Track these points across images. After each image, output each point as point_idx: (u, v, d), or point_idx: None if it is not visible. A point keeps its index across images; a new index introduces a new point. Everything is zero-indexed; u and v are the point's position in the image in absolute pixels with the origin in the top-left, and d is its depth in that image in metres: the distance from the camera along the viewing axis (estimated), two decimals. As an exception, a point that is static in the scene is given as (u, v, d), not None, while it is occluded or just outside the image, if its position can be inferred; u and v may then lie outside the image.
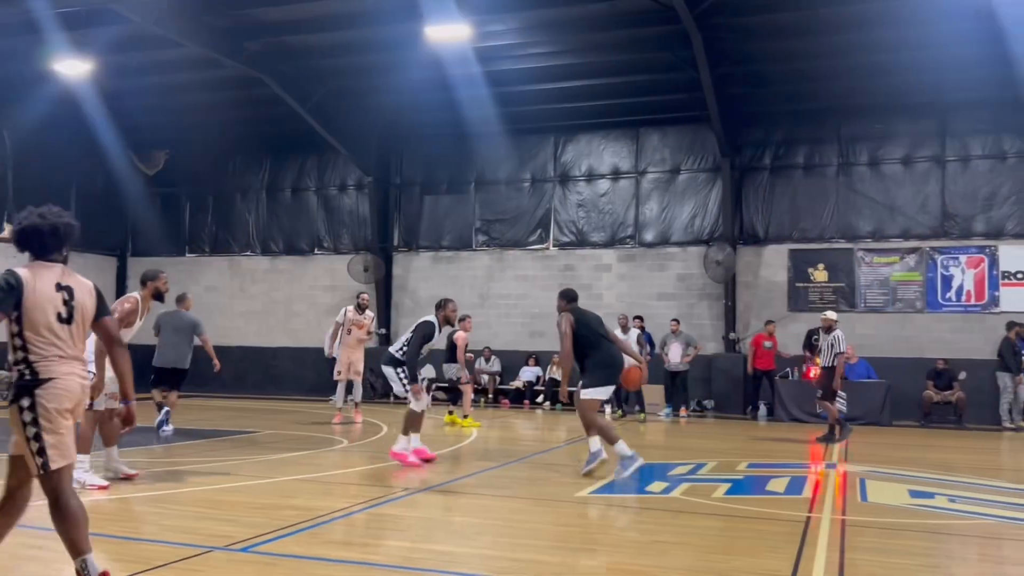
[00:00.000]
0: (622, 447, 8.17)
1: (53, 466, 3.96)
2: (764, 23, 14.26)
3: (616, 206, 18.73)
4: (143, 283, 8.25)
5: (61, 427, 3.98)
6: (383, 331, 19.68)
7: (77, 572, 4.02)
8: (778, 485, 8.38)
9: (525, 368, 18.44)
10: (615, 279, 18.55)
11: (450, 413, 14.20)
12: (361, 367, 13.72)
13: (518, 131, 18.90)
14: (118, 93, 17.54)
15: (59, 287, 4.14)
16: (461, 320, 13.33)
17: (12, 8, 13.30)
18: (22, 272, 4.11)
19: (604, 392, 8.52)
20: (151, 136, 20.85)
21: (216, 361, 12.63)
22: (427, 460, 9.26)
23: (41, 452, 3.94)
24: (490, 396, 18.35)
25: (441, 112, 18.02)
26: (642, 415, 15.68)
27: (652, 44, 15.04)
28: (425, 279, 19.92)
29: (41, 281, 4.10)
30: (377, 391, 18.52)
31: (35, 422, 3.93)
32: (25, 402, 3.94)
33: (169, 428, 11.82)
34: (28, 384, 3.95)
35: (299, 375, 20.20)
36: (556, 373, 18.10)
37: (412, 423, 9.21)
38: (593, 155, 19.00)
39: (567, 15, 14.20)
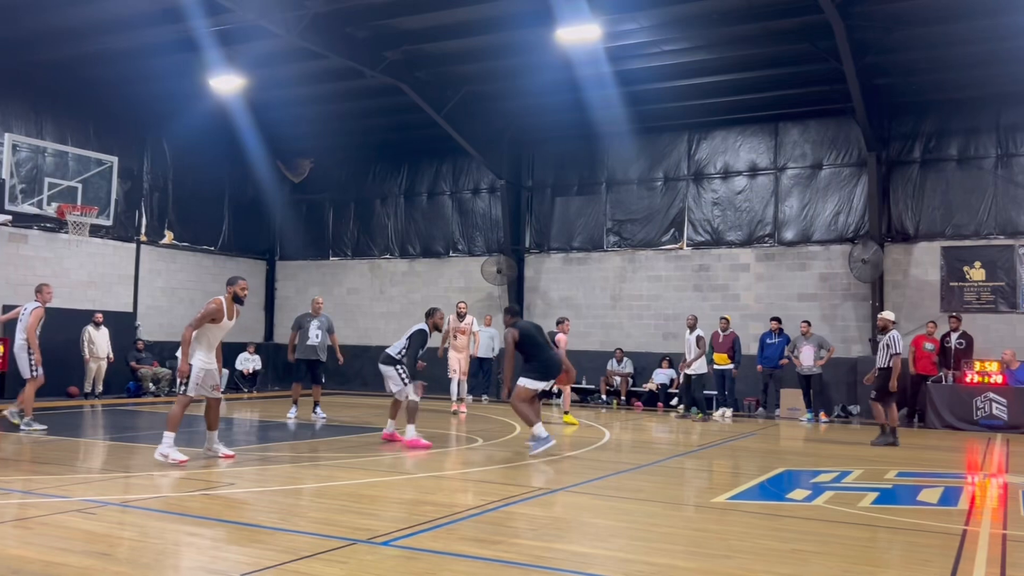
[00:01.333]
0: (539, 428, 9.86)
1: None
2: (912, 8, 13.51)
3: (754, 204, 18.21)
4: (227, 286, 9.22)
5: None
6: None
7: None
8: (931, 495, 7.92)
9: (658, 371, 18.19)
10: (753, 279, 18.04)
11: (566, 413, 14.41)
12: (467, 367, 15.74)
13: (650, 130, 18.68)
14: (265, 105, 18.47)
15: None
16: (559, 323, 14.44)
17: (173, 27, 14.24)
18: None
19: (535, 385, 10.14)
20: (296, 145, 21.85)
21: (340, 356, 14.72)
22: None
23: None
24: (622, 398, 18.21)
25: (571, 113, 18.04)
26: (699, 414, 15.53)
27: (791, 36, 14.53)
28: (556, 280, 19.99)
29: None
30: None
31: None
32: None
33: (322, 416, 13.78)
34: None
35: (436, 374, 20.63)
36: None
37: (415, 413, 10.53)
38: (729, 152, 18.55)
39: (701, 10, 13.91)
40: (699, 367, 15.55)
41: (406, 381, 10.53)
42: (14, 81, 16.69)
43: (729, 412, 16.05)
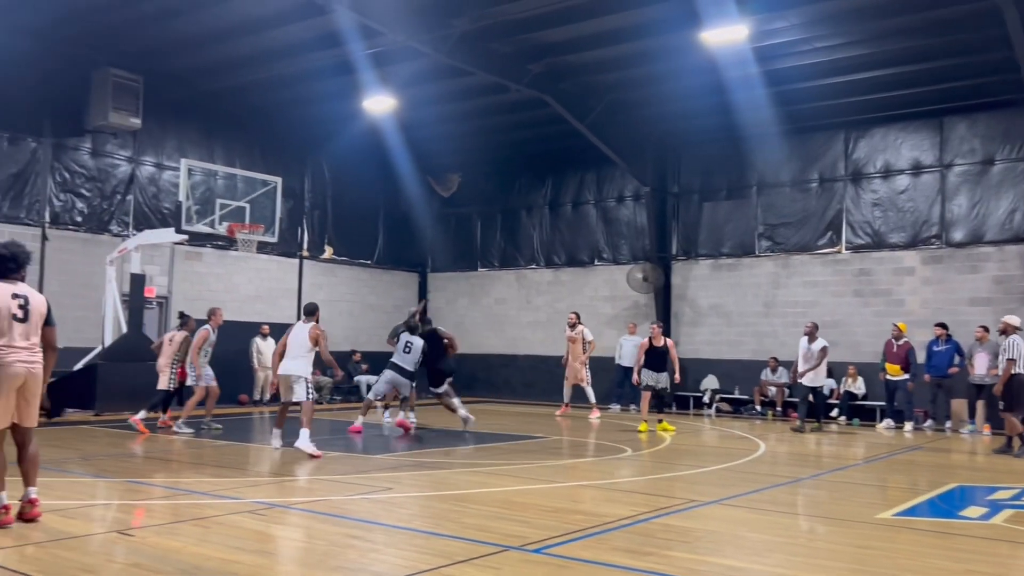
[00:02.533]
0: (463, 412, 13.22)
1: None
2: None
3: (918, 203, 17.19)
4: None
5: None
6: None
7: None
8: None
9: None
10: (918, 283, 17.02)
11: (659, 421, 14.23)
12: (583, 375, 16.70)
13: (802, 130, 18.01)
14: (415, 123, 19.09)
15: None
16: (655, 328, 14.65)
17: (331, 52, 14.98)
18: None
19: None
20: (445, 161, 22.46)
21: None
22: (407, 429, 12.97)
23: None
24: (778, 409, 17.58)
25: (717, 117, 17.64)
26: (816, 424, 14.74)
27: (955, 26, 13.65)
28: (705, 287, 19.57)
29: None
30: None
31: None
32: None
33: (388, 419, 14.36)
34: None
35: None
36: (852, 386, 16.96)
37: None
38: (889, 150, 17.61)
39: (855, 4, 13.30)
40: (817, 378, 14.71)
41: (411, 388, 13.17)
42: (189, 110, 18.02)
43: (908, 425, 15.26)
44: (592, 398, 16.68)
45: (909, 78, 15.68)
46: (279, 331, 18.87)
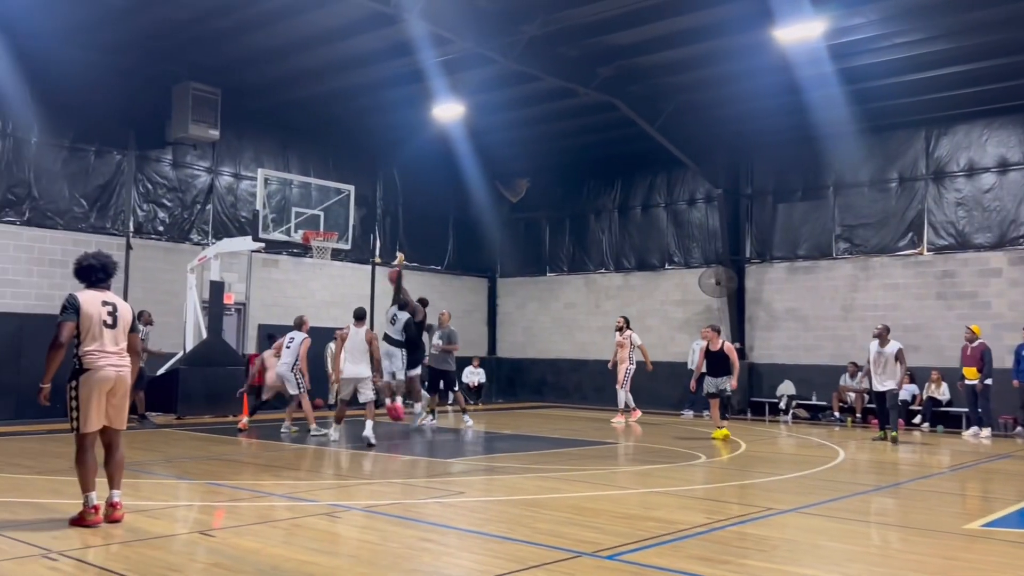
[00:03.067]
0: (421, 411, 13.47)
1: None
2: None
3: (1005, 202, 16.54)
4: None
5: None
6: (737, 345, 19.24)
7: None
8: None
9: (907, 387, 16.90)
10: (1006, 285, 16.35)
11: (719, 428, 13.48)
12: (621, 377, 16.39)
13: (881, 128, 17.51)
14: (483, 129, 19.20)
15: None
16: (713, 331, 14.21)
17: (401, 61, 15.19)
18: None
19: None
20: (513, 166, 22.53)
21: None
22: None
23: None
24: (858, 415, 17.09)
25: (792, 116, 17.28)
26: (894, 433, 13.42)
27: (1044, 15, 13.10)
28: (780, 291, 19.17)
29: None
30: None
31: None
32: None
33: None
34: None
35: (653, 388, 20.46)
36: (936, 392, 16.38)
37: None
38: (974, 147, 16.99)
39: (936, -2, 12.89)
40: (889, 382, 13.57)
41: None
42: (265, 121, 18.49)
43: (985, 432, 14.64)
44: (624, 402, 16.33)
45: (994, 73, 15.10)
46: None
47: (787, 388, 18.36)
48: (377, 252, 20.87)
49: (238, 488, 8.13)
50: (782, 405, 18.20)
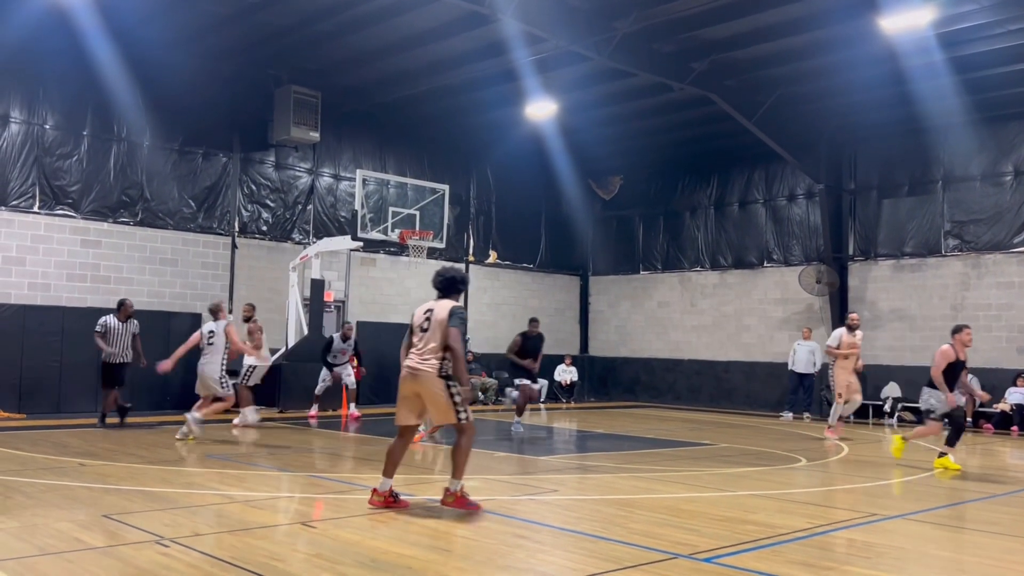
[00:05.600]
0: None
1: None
2: None
3: None
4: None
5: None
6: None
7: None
8: None
9: (1012, 389, 16.09)
10: None
11: (941, 455, 10.47)
12: (858, 386, 13.37)
13: (994, 119, 16.67)
14: (575, 127, 19.14)
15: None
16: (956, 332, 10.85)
17: (495, 61, 15.29)
18: None
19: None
20: (606, 163, 22.39)
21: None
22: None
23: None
24: (968, 419, 16.31)
25: (897, 108, 16.62)
26: None
27: None
28: (885, 289, 18.46)
29: None
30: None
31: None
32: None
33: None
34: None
35: (751, 389, 20.04)
36: (1054, 395, 15.49)
37: None
38: (1096, 137, 15.99)
39: (1056, -21, 12.19)
40: None
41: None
42: (363, 123, 18.90)
43: None
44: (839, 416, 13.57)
45: (1121, 57, 14.18)
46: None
47: (892, 390, 17.67)
48: (471, 250, 21.08)
49: (338, 481, 8.34)
50: (887, 408, 17.53)
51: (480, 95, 17.60)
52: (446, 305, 6.82)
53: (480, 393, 19.19)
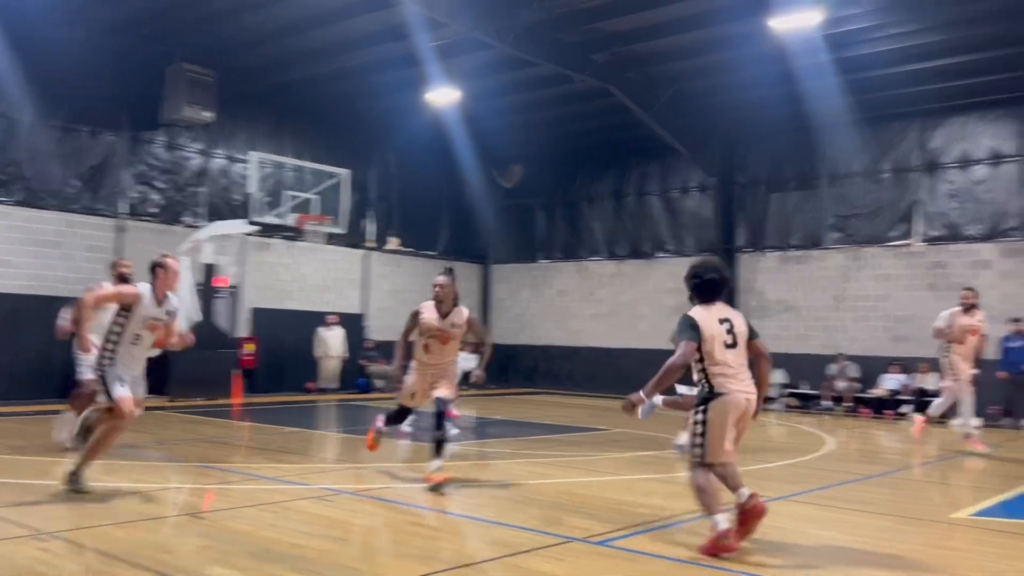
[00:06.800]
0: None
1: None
2: None
3: (997, 194, 16.58)
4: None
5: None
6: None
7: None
8: None
9: (886, 375, 17.02)
10: (996, 278, 16.42)
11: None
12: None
13: (875, 119, 17.50)
14: (478, 115, 19.13)
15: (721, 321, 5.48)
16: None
17: (397, 45, 15.11)
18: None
19: None
20: (508, 152, 22.46)
21: None
22: None
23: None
24: (847, 404, 17.19)
25: (786, 106, 17.25)
26: None
27: (1039, 8, 13.11)
28: (772, 280, 19.21)
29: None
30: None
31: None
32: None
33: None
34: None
35: (646, 375, 20.43)
36: (924, 382, 16.47)
37: None
38: (967, 139, 17.01)
39: (933, -12, 12.89)
40: None
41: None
42: (260, 104, 18.38)
43: (974, 422, 14.73)
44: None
45: (988, 65, 15.11)
46: (345, 320, 19.27)
47: (778, 377, 18.43)
48: (371, 236, 20.84)
49: (229, 471, 8.14)
50: (772, 393, 18.27)
51: (382, 79, 17.37)
52: (737, 313, 5.70)
53: (380, 381, 19.04)
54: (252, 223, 16.34)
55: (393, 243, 21.40)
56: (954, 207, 17.01)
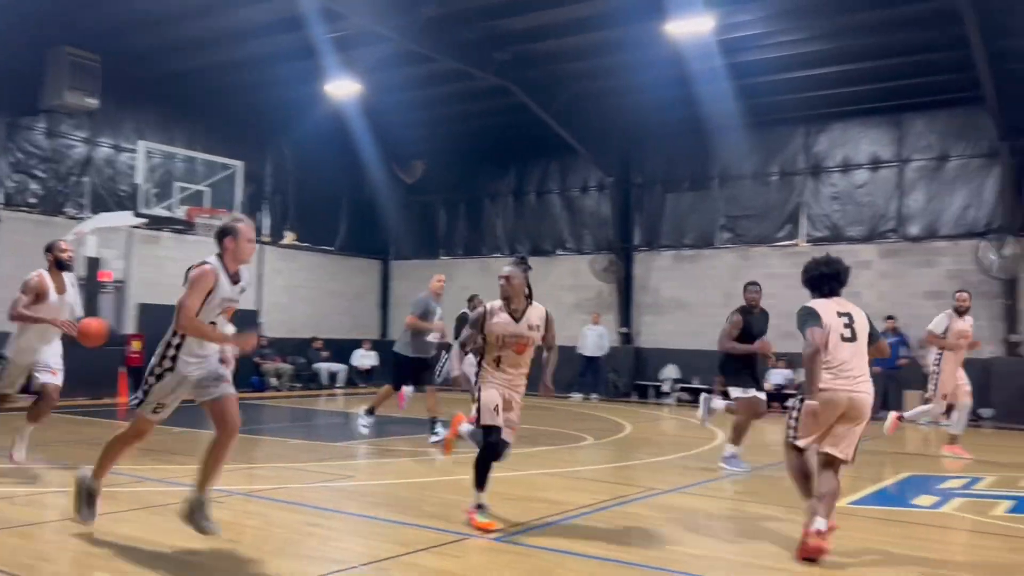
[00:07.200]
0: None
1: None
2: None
3: (876, 198, 17.48)
4: (47, 253, 8.17)
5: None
6: (624, 330, 19.75)
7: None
8: (1072, 506, 7.44)
9: (773, 371, 17.70)
10: (875, 276, 17.31)
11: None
12: (969, 387, 10.53)
13: (765, 123, 18.17)
14: (379, 109, 18.92)
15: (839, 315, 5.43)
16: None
17: (293, 35, 14.79)
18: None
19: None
20: (409, 148, 22.30)
21: None
22: None
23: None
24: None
25: (682, 108, 17.73)
26: None
27: (915, 23, 13.88)
28: (666, 278, 19.72)
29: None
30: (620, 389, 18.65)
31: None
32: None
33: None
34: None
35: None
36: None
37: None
38: (849, 144, 17.86)
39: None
40: None
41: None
42: (149, 92, 17.66)
43: None
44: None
45: (869, 74, 15.91)
46: (238, 317, 18.69)
47: (671, 372, 18.95)
48: (266, 231, 20.34)
49: (115, 473, 7.80)
50: (666, 388, 18.78)
51: (278, 70, 16.95)
52: (859, 310, 5.66)
53: (274, 379, 18.62)
54: (139, 215, 15.68)
55: (289, 238, 20.96)
56: (836, 209, 17.83)
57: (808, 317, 5.39)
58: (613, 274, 19.72)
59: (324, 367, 19.98)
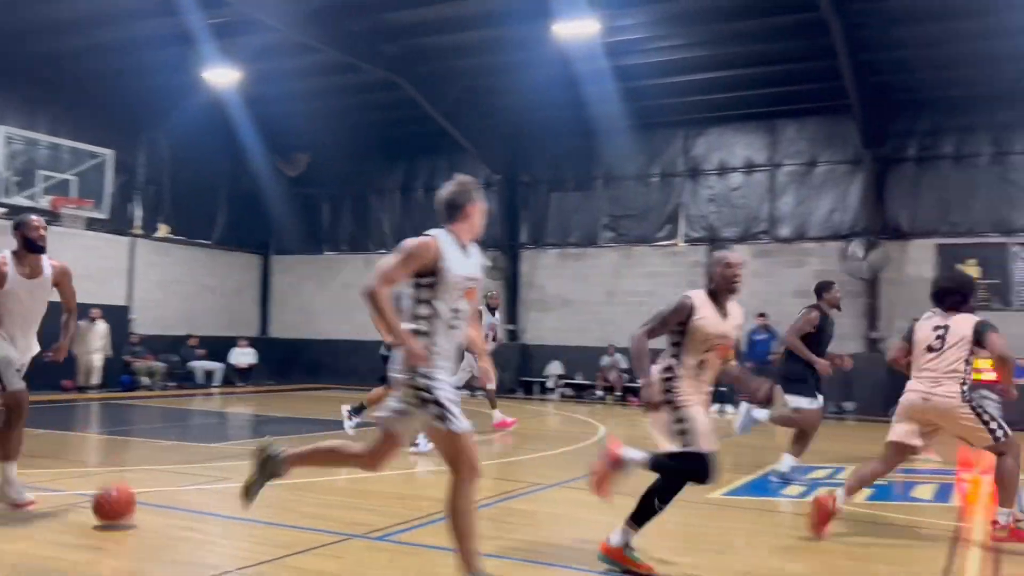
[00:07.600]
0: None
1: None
2: (908, 6, 13.52)
3: (749, 200, 18.22)
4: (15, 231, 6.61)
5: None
6: (510, 327, 19.90)
7: None
8: (925, 492, 7.96)
9: (653, 366, 18.20)
10: (749, 275, 17.91)
11: None
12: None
13: (647, 125, 18.64)
14: (262, 99, 18.39)
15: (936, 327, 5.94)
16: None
17: (168, 20, 14.18)
18: None
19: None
20: (293, 140, 21.76)
21: None
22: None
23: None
24: (617, 394, 18.24)
25: (568, 109, 18.00)
26: None
27: (788, 33, 14.54)
28: (552, 276, 19.98)
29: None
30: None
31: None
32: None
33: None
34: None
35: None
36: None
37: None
38: (725, 148, 18.55)
39: (699, 6, 13.91)
40: None
41: None
42: (8, 73, 16.55)
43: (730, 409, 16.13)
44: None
45: (745, 81, 16.56)
46: (108, 313, 17.85)
47: (555, 368, 19.22)
48: (137, 223, 19.44)
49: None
50: (550, 384, 19.04)
51: (153, 55, 16.20)
52: (965, 320, 5.92)
53: (145, 377, 17.84)
54: (-1, 205, 14.75)
55: (163, 230, 20.11)
56: (713, 211, 18.48)
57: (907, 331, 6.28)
58: (500, 271, 19.83)
59: (199, 365, 19.28)
